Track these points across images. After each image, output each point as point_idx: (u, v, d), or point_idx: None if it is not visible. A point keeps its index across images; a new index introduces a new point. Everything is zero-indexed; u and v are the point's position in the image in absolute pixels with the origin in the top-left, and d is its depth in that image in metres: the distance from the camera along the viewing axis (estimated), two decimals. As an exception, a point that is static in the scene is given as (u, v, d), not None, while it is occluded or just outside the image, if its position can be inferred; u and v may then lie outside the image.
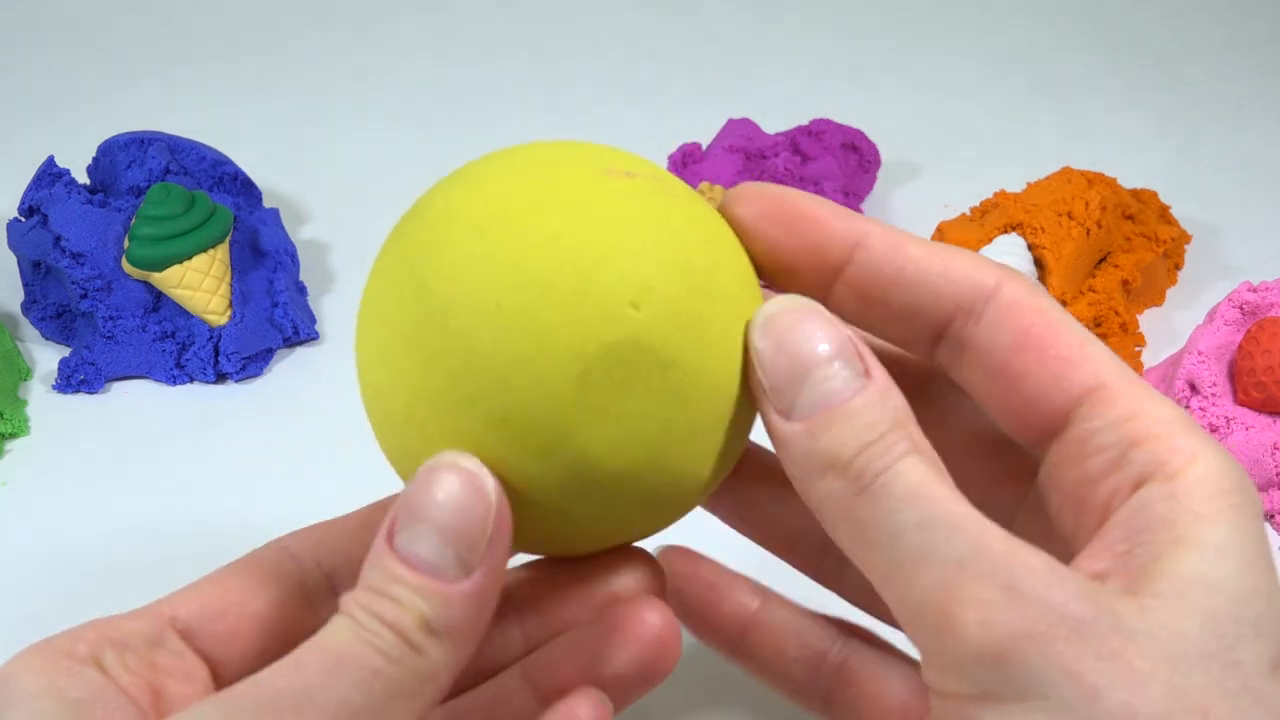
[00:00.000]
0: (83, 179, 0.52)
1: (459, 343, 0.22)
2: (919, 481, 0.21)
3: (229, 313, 0.48)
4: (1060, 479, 0.23)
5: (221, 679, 0.24)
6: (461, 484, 0.21)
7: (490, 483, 0.22)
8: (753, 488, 0.29)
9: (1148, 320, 0.51)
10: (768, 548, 0.30)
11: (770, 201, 0.25)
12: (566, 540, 0.24)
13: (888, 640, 0.29)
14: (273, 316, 0.48)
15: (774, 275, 0.25)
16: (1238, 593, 0.20)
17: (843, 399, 0.21)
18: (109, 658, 0.22)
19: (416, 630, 0.21)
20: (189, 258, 0.47)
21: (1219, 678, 0.19)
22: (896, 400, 0.22)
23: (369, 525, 0.25)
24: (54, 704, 0.21)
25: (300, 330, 0.49)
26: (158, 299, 0.47)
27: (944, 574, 0.20)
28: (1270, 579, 0.21)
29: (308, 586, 0.25)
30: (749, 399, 0.23)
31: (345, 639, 0.21)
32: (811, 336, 0.22)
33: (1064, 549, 0.22)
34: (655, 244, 0.22)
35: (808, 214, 0.25)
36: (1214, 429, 0.43)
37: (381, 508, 0.26)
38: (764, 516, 0.29)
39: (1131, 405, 0.22)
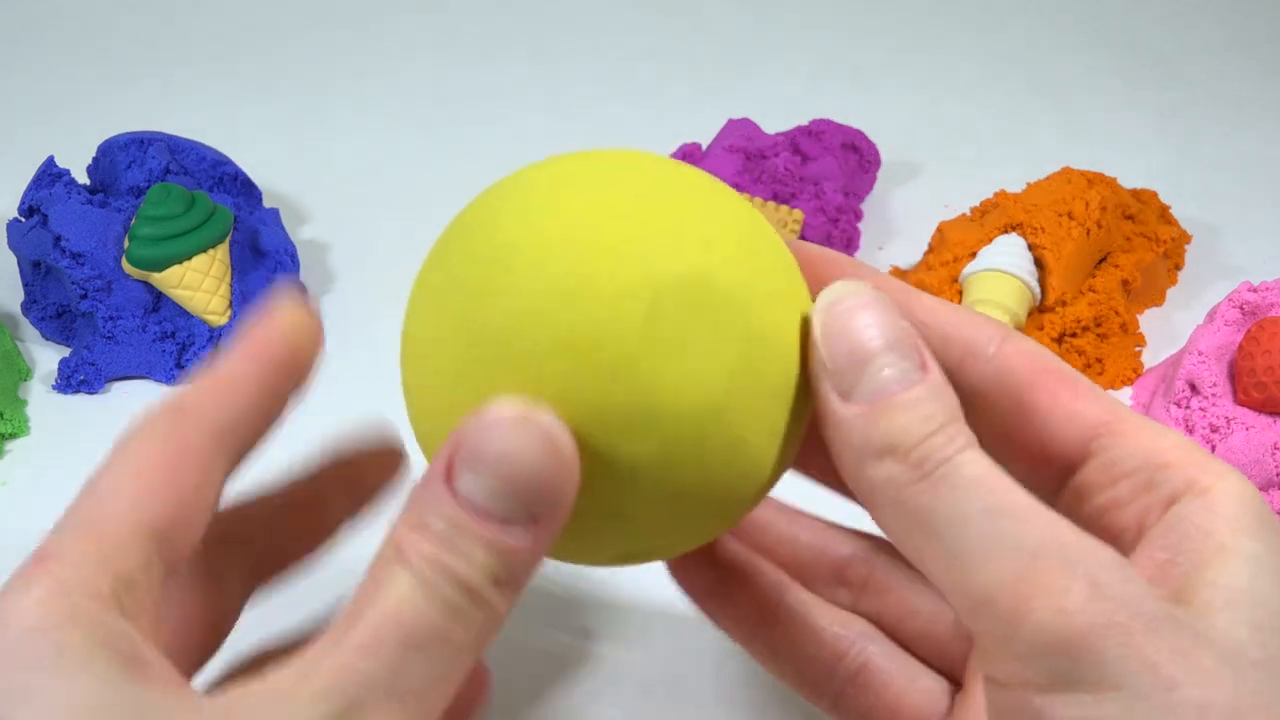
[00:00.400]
0: (83, 179, 0.52)
1: (527, 271, 0.22)
2: (984, 473, 0.21)
3: (229, 313, 0.48)
4: (1085, 508, 0.24)
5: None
6: (538, 439, 0.20)
7: (565, 436, 0.21)
8: (762, 535, 0.29)
9: (1148, 320, 0.51)
10: None
11: (793, 247, 0.26)
12: (614, 514, 0.23)
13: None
14: (273, 316, 0.48)
15: None
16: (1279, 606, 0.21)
17: (903, 388, 0.22)
18: (125, 600, 0.20)
19: (486, 585, 0.20)
20: (189, 258, 0.47)
21: (1275, 685, 0.20)
22: (952, 397, 0.22)
23: (263, 392, 0.24)
24: (121, 670, 0.19)
25: (300, 330, 0.49)
26: (158, 299, 0.47)
27: (1017, 562, 0.20)
28: None
29: (230, 462, 0.24)
30: (806, 394, 0.23)
31: (419, 607, 0.20)
32: (874, 323, 0.22)
33: None
34: (726, 220, 0.23)
35: (826, 255, 0.26)
36: (1214, 429, 0.43)
37: (256, 360, 0.24)
38: (774, 555, 0.29)
39: (1150, 434, 0.23)
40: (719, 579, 0.28)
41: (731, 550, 0.29)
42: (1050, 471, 0.25)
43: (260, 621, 0.27)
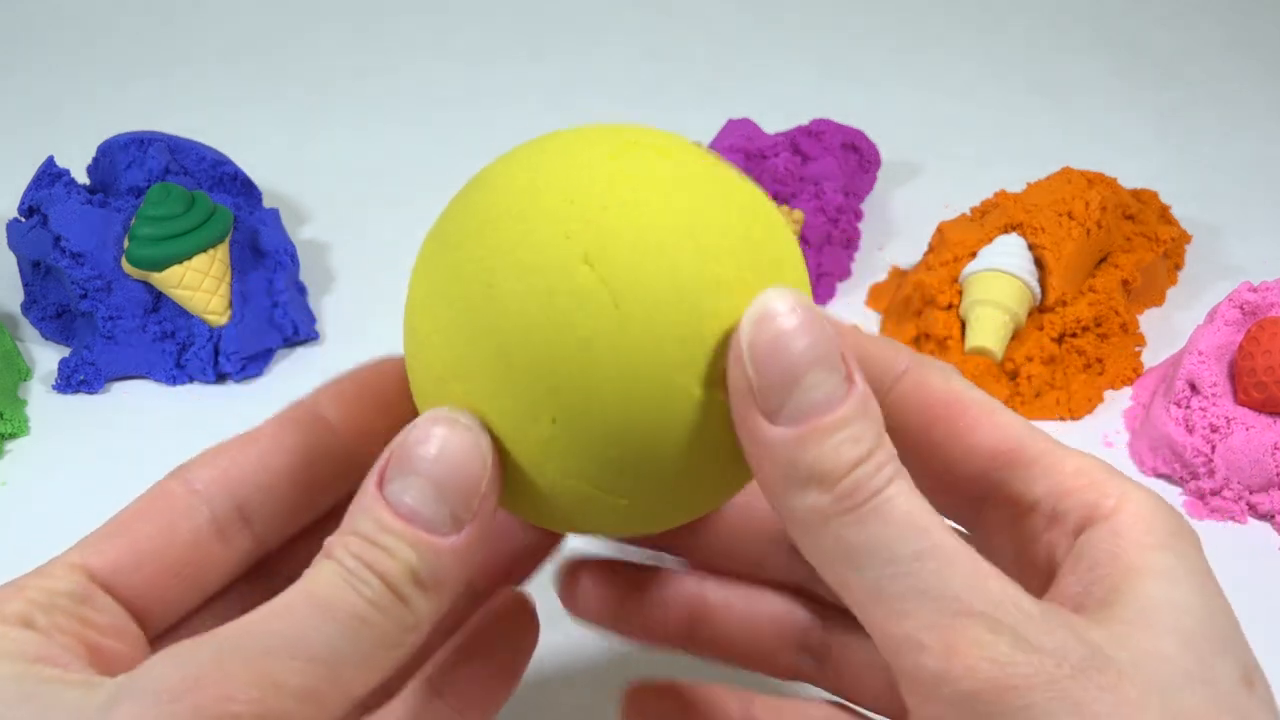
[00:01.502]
0: (83, 179, 0.52)
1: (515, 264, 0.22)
2: (913, 510, 0.21)
3: (229, 313, 0.48)
4: (999, 545, 0.24)
5: (147, 626, 0.23)
6: (459, 439, 0.21)
7: (485, 441, 0.22)
8: (725, 620, 0.29)
9: (1148, 320, 0.51)
10: (739, 664, 0.30)
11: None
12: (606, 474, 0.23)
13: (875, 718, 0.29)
14: (273, 316, 0.48)
15: None
16: (1201, 613, 0.21)
17: (830, 407, 0.21)
18: (40, 619, 0.21)
19: (405, 581, 0.21)
20: (189, 258, 0.47)
21: (1205, 696, 0.20)
22: (876, 410, 0.22)
23: (275, 450, 0.25)
24: (8, 665, 0.20)
25: (300, 330, 0.49)
26: (158, 299, 0.47)
27: (942, 613, 0.20)
28: (1223, 600, 0.21)
29: (219, 520, 0.24)
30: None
31: (334, 585, 0.21)
32: (805, 339, 0.21)
33: None
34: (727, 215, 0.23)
35: None
36: (1214, 429, 0.43)
37: (283, 425, 0.25)
38: (738, 646, 0.29)
39: (1051, 461, 0.23)
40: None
41: (696, 692, 0.29)
42: (959, 500, 0.25)
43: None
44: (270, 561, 0.26)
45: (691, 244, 0.22)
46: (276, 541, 0.25)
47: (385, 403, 0.26)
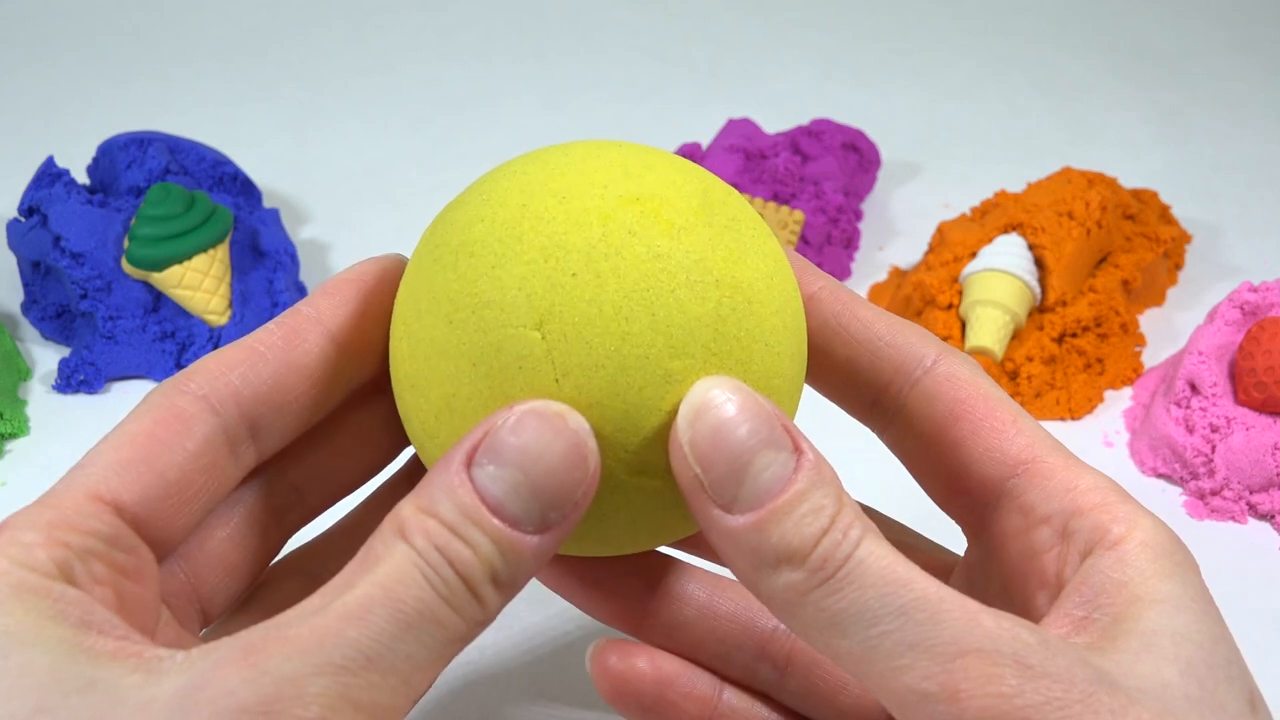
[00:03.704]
0: (83, 179, 0.52)
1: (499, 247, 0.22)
2: (886, 566, 0.20)
3: (229, 313, 0.48)
4: (1006, 554, 0.24)
5: (160, 555, 0.22)
6: (564, 440, 0.20)
7: (593, 444, 0.21)
8: (680, 608, 0.28)
9: (1148, 320, 0.51)
10: (699, 664, 0.29)
11: None
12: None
13: None
14: (273, 316, 0.48)
15: None
16: (1203, 640, 0.21)
17: (784, 485, 0.21)
18: (78, 570, 0.20)
19: (483, 580, 0.20)
20: (189, 258, 0.47)
21: (1220, 718, 0.20)
22: (828, 471, 0.21)
23: (286, 365, 0.24)
24: (56, 630, 0.19)
25: (300, 330, 0.49)
26: (158, 299, 0.47)
27: (941, 656, 0.20)
28: (1224, 627, 0.22)
29: (230, 436, 0.23)
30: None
31: (415, 585, 0.19)
32: (744, 424, 0.21)
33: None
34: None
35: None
36: (1214, 429, 0.43)
37: (287, 336, 0.24)
38: (693, 637, 0.28)
39: (1067, 477, 0.23)
40: (656, 696, 0.28)
41: (667, 667, 0.28)
42: (969, 503, 0.25)
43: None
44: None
45: (649, 335, 0.21)
46: (275, 450, 0.25)
47: (380, 305, 0.25)
